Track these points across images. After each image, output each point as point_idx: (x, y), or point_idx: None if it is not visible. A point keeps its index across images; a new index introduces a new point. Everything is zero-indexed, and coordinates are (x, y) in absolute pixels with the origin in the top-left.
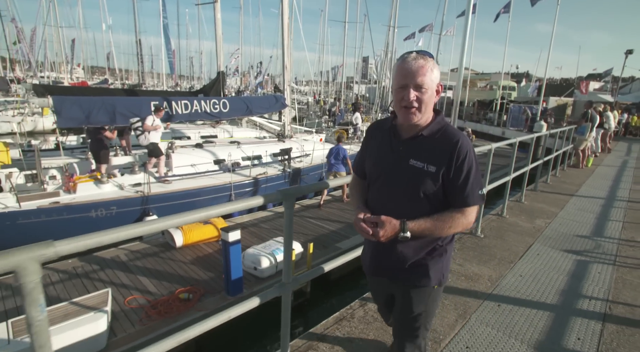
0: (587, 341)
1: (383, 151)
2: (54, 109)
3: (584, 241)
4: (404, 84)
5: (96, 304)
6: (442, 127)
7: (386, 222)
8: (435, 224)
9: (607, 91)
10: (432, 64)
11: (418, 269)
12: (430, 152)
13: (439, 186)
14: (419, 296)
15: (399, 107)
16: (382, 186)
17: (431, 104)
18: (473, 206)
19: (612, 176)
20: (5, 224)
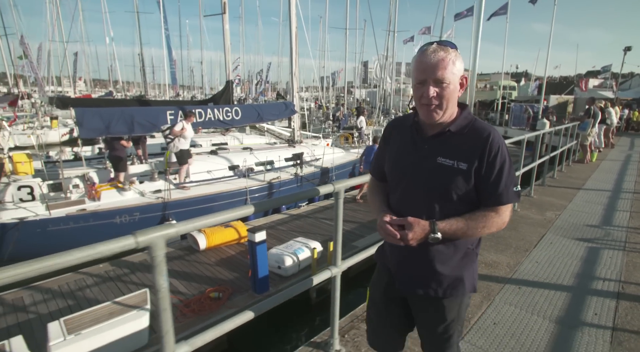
0: (604, 315)
1: (406, 150)
2: (76, 120)
3: (594, 229)
4: (422, 79)
5: (137, 303)
6: (470, 122)
7: (414, 223)
8: (468, 223)
9: (606, 88)
10: (453, 56)
11: (453, 279)
12: (460, 148)
13: (471, 185)
14: (452, 304)
15: (419, 105)
16: (407, 187)
17: (454, 99)
18: (507, 204)
19: (616, 170)
20: (36, 231)
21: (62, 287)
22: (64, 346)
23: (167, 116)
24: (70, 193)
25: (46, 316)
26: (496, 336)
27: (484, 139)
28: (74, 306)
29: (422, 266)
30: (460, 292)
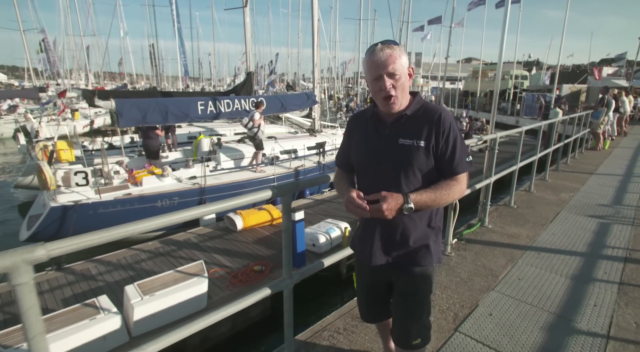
0: (612, 274)
1: (370, 138)
2: (116, 111)
3: (605, 208)
4: (377, 75)
5: (196, 271)
6: (423, 105)
7: (388, 196)
8: (435, 192)
9: (621, 76)
10: (399, 51)
11: (422, 249)
12: (417, 128)
13: (430, 159)
14: (423, 276)
15: (379, 98)
16: (376, 170)
17: (407, 88)
18: (463, 172)
19: (628, 156)
20: (88, 213)
21: (120, 261)
22: (143, 304)
23: (197, 107)
24: (112, 179)
25: (113, 283)
26: (521, 288)
27: (436, 119)
28: (135, 276)
29: (392, 240)
30: (428, 261)
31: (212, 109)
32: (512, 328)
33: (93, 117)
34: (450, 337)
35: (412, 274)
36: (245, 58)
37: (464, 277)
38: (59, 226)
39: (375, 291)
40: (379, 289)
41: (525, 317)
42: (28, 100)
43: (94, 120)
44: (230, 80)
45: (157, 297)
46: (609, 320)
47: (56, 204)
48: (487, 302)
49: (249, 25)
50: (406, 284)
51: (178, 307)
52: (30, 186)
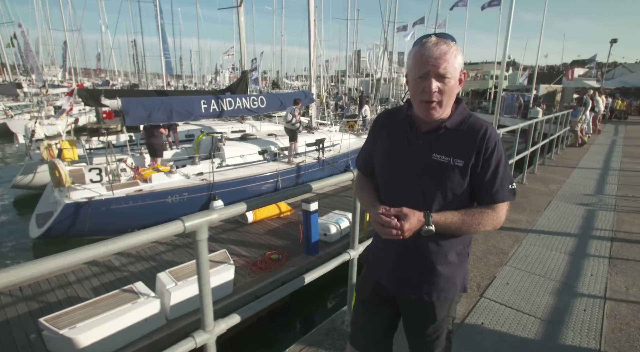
0: (602, 250)
1: (398, 145)
2: (122, 109)
3: (590, 197)
4: (424, 73)
5: (222, 259)
6: (466, 118)
7: (409, 214)
8: (463, 218)
9: (591, 77)
10: (455, 49)
11: (446, 281)
12: (456, 144)
13: (467, 182)
14: (443, 306)
15: (417, 101)
16: (400, 184)
17: (454, 95)
18: (503, 202)
19: (604, 152)
20: (101, 209)
21: (140, 253)
22: (178, 289)
23: (201, 105)
24: (120, 176)
25: (138, 273)
26: (529, 262)
27: (480, 136)
28: (157, 266)
29: (415, 268)
30: (452, 294)
31: (215, 107)
32: (527, 293)
33: (77, 116)
34: (478, 302)
35: (432, 307)
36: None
37: (479, 255)
38: (72, 222)
39: (378, 313)
40: (384, 312)
41: (536, 285)
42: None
43: (78, 118)
44: (211, 77)
45: (189, 283)
46: (604, 285)
47: (70, 200)
48: (502, 274)
49: (244, 24)
50: (424, 318)
51: None
52: (29, 185)
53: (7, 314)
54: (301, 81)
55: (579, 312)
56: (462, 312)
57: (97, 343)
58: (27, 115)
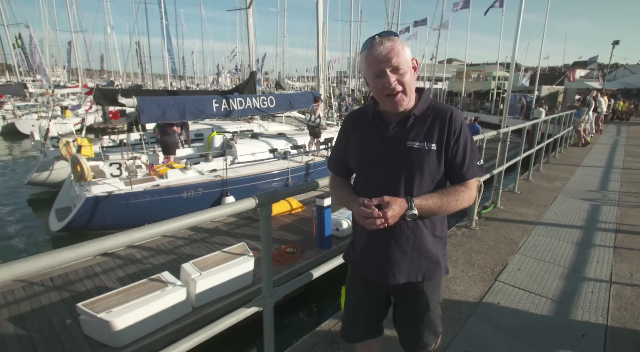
0: (607, 240)
1: (372, 141)
2: (138, 108)
3: (594, 193)
4: (379, 70)
5: (241, 252)
6: (431, 104)
7: (391, 201)
8: (442, 198)
9: (593, 78)
10: (400, 42)
11: (432, 262)
12: (427, 129)
13: (442, 164)
14: (433, 289)
15: (382, 97)
16: (380, 178)
17: (414, 83)
18: (474, 178)
19: (607, 151)
20: (121, 203)
21: (160, 246)
22: (202, 278)
23: (212, 104)
24: (136, 173)
25: (160, 265)
26: (538, 251)
27: (448, 118)
28: (177, 258)
29: (400, 253)
30: (438, 275)
31: (226, 106)
32: (537, 278)
33: (84, 116)
34: (492, 285)
35: (422, 290)
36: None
37: (491, 244)
38: (93, 215)
39: (371, 306)
40: (375, 305)
41: (546, 270)
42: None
43: (85, 118)
44: (213, 78)
45: (212, 273)
46: (609, 271)
47: (91, 194)
48: (514, 261)
49: (252, 26)
50: (414, 303)
51: (230, 283)
52: (45, 182)
53: (42, 302)
54: (302, 82)
55: (587, 294)
56: (479, 293)
57: (131, 327)
58: (34, 115)
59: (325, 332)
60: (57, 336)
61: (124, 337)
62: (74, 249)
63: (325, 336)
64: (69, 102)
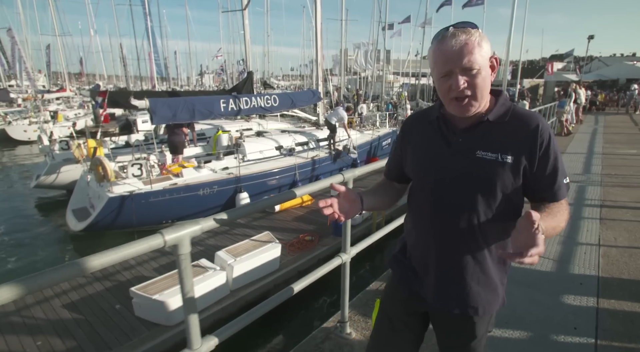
0: (593, 214)
1: (435, 147)
2: (150, 109)
3: (579, 176)
4: (447, 70)
5: (268, 239)
6: (510, 109)
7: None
8: (554, 219)
9: (569, 71)
10: (478, 37)
11: (490, 295)
12: (503, 139)
13: (518, 179)
14: (484, 320)
15: (447, 100)
16: (442, 190)
17: (488, 85)
18: (564, 198)
19: (587, 139)
20: (141, 202)
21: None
22: (237, 264)
23: (220, 104)
24: (151, 172)
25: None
26: None
27: (533, 129)
28: (204, 249)
29: (460, 278)
30: (494, 307)
31: (233, 106)
32: None
33: (75, 120)
34: None
35: (472, 322)
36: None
37: None
38: (116, 215)
39: (404, 328)
40: (411, 328)
41: (546, 239)
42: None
43: (76, 122)
44: (196, 79)
45: (244, 259)
46: (597, 237)
47: (113, 194)
48: None
49: (247, 27)
50: (460, 333)
51: (260, 268)
52: (52, 185)
53: (88, 292)
54: (287, 81)
55: (581, 254)
56: None
57: (181, 307)
58: (25, 120)
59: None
60: (111, 319)
61: (176, 316)
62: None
63: None
64: (55, 106)
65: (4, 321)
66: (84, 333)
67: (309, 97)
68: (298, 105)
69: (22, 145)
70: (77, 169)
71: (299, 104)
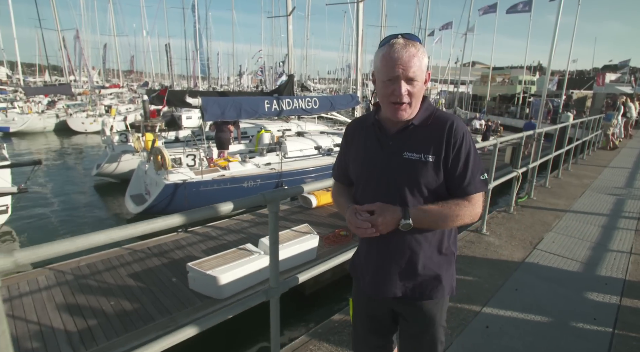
0: (629, 225)
1: (371, 149)
2: (202, 107)
3: (619, 190)
4: (393, 76)
5: (306, 231)
6: (432, 113)
7: (384, 207)
8: (441, 210)
9: (624, 82)
10: (422, 51)
11: (432, 279)
12: (425, 140)
13: (440, 175)
14: (433, 310)
15: (386, 102)
16: (377, 188)
17: (422, 95)
18: (477, 193)
19: (635, 154)
20: (192, 190)
21: (229, 227)
22: (280, 250)
23: (264, 105)
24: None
25: (233, 242)
26: (568, 231)
27: (447, 129)
28: (246, 237)
29: (396, 267)
30: (440, 293)
31: (276, 106)
32: (569, 248)
33: (126, 114)
34: (532, 252)
35: (421, 308)
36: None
37: (528, 224)
38: (170, 200)
39: (375, 322)
40: (380, 321)
41: (576, 244)
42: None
43: (127, 116)
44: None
45: (287, 246)
46: (630, 246)
47: (169, 182)
48: (549, 237)
49: (291, 32)
50: (414, 321)
51: (299, 255)
52: (112, 174)
53: (147, 265)
54: (323, 84)
55: (609, 260)
56: (521, 256)
57: (231, 283)
58: (83, 113)
59: None
60: (169, 289)
61: (226, 290)
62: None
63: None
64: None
65: (82, 282)
66: (147, 298)
67: (347, 101)
68: (337, 109)
69: (78, 135)
70: (134, 159)
71: (337, 107)
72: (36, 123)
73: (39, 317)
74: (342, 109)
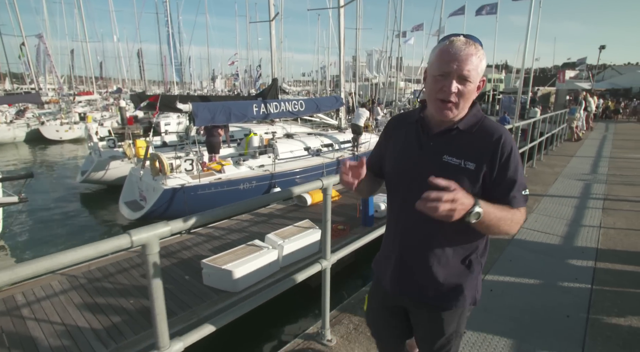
0: (597, 204)
1: (409, 148)
2: (193, 112)
3: (586, 175)
4: (446, 71)
5: (309, 226)
6: (480, 120)
7: (460, 189)
8: (502, 212)
9: (582, 79)
10: (481, 54)
11: (452, 288)
12: (468, 147)
13: (477, 187)
14: (451, 317)
15: (433, 98)
16: (409, 188)
17: (472, 99)
18: (519, 207)
19: (596, 145)
20: (190, 194)
21: (231, 227)
22: (286, 244)
23: (253, 108)
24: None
25: (238, 240)
26: (547, 212)
27: (495, 140)
28: (248, 235)
29: (417, 271)
30: (460, 303)
31: (264, 110)
32: (549, 225)
33: (101, 121)
34: (520, 229)
35: (438, 315)
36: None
37: None
38: (169, 205)
39: (386, 322)
40: (392, 323)
41: (555, 222)
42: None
43: (103, 123)
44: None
45: (291, 240)
46: (599, 221)
47: (167, 187)
48: (532, 217)
49: (274, 37)
50: (431, 325)
51: (304, 249)
52: (100, 180)
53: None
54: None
55: (584, 233)
56: (510, 235)
57: (244, 277)
58: (57, 121)
59: None
60: (184, 286)
61: (240, 284)
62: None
63: None
64: (80, 108)
65: (97, 284)
66: (165, 295)
67: (332, 103)
68: (322, 110)
69: (54, 144)
70: (123, 165)
71: (323, 109)
72: (5, 133)
73: (62, 318)
74: (327, 110)
